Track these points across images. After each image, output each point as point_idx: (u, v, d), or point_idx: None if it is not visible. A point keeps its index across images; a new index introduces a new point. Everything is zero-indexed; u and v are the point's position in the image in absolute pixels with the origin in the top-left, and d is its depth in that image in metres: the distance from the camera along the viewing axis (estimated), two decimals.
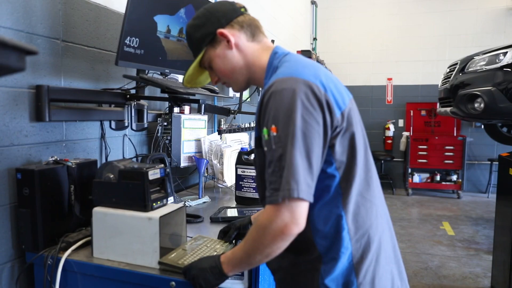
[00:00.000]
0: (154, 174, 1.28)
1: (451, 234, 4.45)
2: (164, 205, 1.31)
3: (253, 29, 1.10)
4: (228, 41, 1.06)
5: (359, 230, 0.98)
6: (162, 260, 1.19)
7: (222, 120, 3.04)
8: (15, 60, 0.67)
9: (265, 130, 0.92)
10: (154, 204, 1.26)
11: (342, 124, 0.95)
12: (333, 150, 0.95)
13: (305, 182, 0.87)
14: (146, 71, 1.67)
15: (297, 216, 0.89)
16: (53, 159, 1.41)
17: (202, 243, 1.34)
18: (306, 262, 1.02)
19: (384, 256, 1.04)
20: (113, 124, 1.81)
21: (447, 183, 6.49)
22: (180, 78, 2.27)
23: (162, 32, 1.57)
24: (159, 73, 1.67)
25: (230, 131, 2.98)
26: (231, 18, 1.08)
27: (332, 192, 0.96)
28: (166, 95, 1.93)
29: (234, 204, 2.05)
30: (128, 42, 1.41)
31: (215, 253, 1.27)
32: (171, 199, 1.70)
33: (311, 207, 0.95)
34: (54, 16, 1.51)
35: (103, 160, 1.76)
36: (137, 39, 1.45)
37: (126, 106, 1.82)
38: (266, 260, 0.97)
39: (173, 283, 1.14)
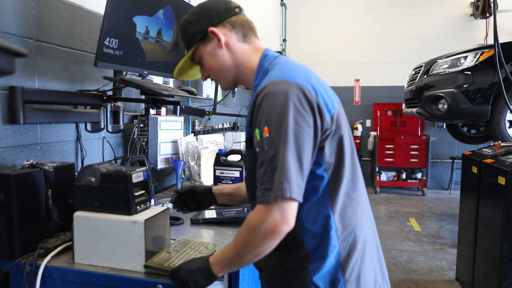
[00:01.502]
0: (137, 177, 1.26)
1: (417, 230, 4.63)
2: (147, 208, 1.30)
3: (245, 30, 1.11)
4: (219, 40, 1.08)
5: (346, 229, 1.02)
6: (148, 263, 1.18)
7: (196, 121, 3.03)
8: (5, 63, 0.66)
9: (257, 131, 0.94)
10: (138, 207, 1.24)
11: (332, 127, 0.98)
12: (323, 152, 0.98)
13: (297, 182, 0.90)
14: (125, 73, 1.64)
15: (287, 216, 0.91)
16: (29, 163, 1.36)
17: (186, 245, 1.34)
18: (294, 261, 1.05)
19: (368, 254, 1.08)
20: (88, 126, 1.77)
21: (413, 181, 6.75)
22: (155, 79, 2.25)
23: (141, 33, 1.55)
24: (137, 74, 1.65)
25: (204, 132, 2.97)
26: (224, 17, 1.09)
27: (320, 193, 0.99)
28: (143, 97, 1.90)
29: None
30: (107, 43, 1.39)
31: (200, 255, 1.28)
32: (152, 201, 1.68)
33: (300, 207, 0.97)
34: (27, 15, 1.46)
35: (79, 163, 1.72)
36: (116, 40, 1.43)
37: (102, 107, 1.79)
38: (256, 259, 0.98)
39: (160, 286, 1.13)
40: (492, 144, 5.03)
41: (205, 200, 1.44)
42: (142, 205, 1.27)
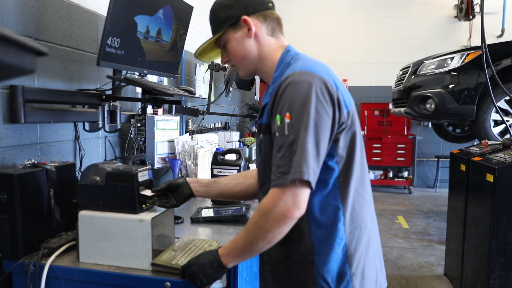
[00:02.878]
0: (143, 176, 1.27)
1: (406, 227, 4.73)
2: (152, 206, 1.31)
3: (274, 26, 1.15)
4: (249, 29, 1.11)
5: (353, 223, 1.05)
6: (155, 261, 1.19)
7: (190, 120, 3.03)
8: (28, 62, 0.66)
9: (278, 117, 0.97)
10: (143, 206, 1.25)
11: (347, 122, 1.02)
12: (337, 144, 1.02)
13: (313, 168, 0.93)
14: (124, 72, 1.64)
15: (299, 200, 0.94)
16: (31, 162, 1.35)
17: (191, 243, 1.35)
18: (297, 254, 1.06)
19: (371, 250, 1.11)
20: (87, 125, 1.76)
21: (399, 179, 6.87)
22: (150, 78, 2.25)
23: (141, 33, 1.55)
24: (137, 73, 1.65)
25: (197, 132, 2.98)
26: (258, 9, 1.12)
27: (330, 186, 1.02)
28: (141, 96, 1.90)
29: (210, 204, 2.06)
30: (109, 42, 1.39)
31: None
32: None
33: (310, 197, 1.00)
34: (27, 13, 1.45)
35: (78, 163, 1.71)
36: (118, 39, 1.43)
37: (100, 107, 1.78)
38: (267, 246, 1.00)
39: (168, 283, 1.14)
40: (475, 143, 5.16)
41: (182, 192, 1.32)
42: (148, 204, 1.28)
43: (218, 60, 1.41)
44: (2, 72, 0.73)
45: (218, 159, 2.06)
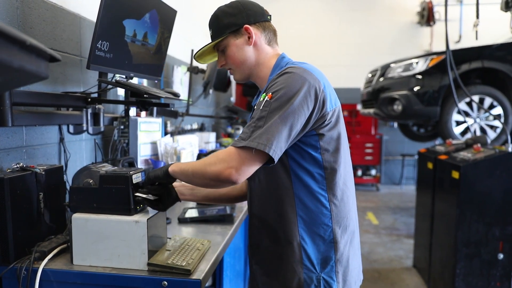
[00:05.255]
0: (136, 177, 1.29)
1: (375, 223, 4.93)
2: (145, 208, 1.33)
3: (271, 36, 1.24)
4: (250, 37, 1.19)
5: (340, 212, 1.14)
6: (151, 261, 1.21)
7: (169, 122, 3.04)
8: (44, 68, 0.68)
9: (263, 95, 1.08)
10: (137, 207, 1.27)
11: (331, 119, 1.12)
12: (321, 138, 1.11)
13: (276, 145, 1.01)
14: (111, 75, 1.65)
15: (244, 168, 1.03)
16: (19, 166, 1.34)
17: (183, 242, 1.38)
18: (286, 238, 1.14)
19: (355, 242, 1.21)
20: (71, 128, 1.75)
21: (368, 177, 7.13)
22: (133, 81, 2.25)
23: (129, 36, 1.57)
24: (124, 76, 1.66)
25: (177, 133, 2.99)
26: (259, 19, 1.21)
27: (317, 175, 1.12)
28: (123, 99, 1.91)
29: (194, 204, 2.09)
30: (99, 45, 1.40)
31: (199, 251, 1.33)
32: None
33: (300, 182, 1.10)
34: (12, 15, 1.43)
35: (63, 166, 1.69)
36: (107, 42, 1.44)
37: (85, 109, 1.77)
38: (203, 186, 1.20)
39: (165, 282, 1.17)
40: (437, 142, 5.45)
41: (169, 196, 1.32)
42: (141, 205, 1.30)
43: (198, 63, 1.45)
44: (20, 79, 0.75)
45: None
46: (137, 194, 1.25)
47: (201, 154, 2.10)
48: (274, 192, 1.17)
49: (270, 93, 1.06)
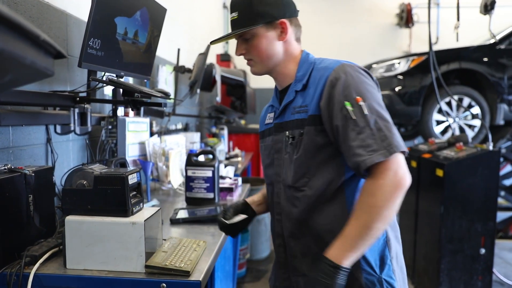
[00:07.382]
0: (132, 178, 1.27)
1: None
2: (141, 209, 1.31)
3: (299, 33, 1.21)
4: (283, 32, 1.14)
5: None
6: (149, 263, 1.19)
7: (154, 122, 2.99)
8: (51, 66, 0.66)
9: (347, 103, 1.01)
10: (133, 208, 1.25)
11: None
12: None
13: (400, 137, 1.00)
14: (100, 73, 1.61)
15: (405, 168, 0.97)
16: (7, 167, 1.29)
17: (179, 243, 1.36)
18: None
19: (399, 234, 1.20)
20: (58, 128, 1.69)
21: None
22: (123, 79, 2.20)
23: (120, 34, 1.53)
24: (114, 75, 1.62)
25: (163, 133, 2.95)
26: (292, 15, 1.17)
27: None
28: (111, 98, 1.87)
29: (184, 205, 2.07)
30: (91, 43, 1.36)
31: (195, 252, 1.31)
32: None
33: (352, 183, 1.08)
34: None
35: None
36: (99, 40, 1.40)
37: (72, 109, 1.72)
38: (384, 227, 0.96)
39: (164, 284, 1.15)
40: (416, 142, 5.57)
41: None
42: (137, 206, 1.28)
43: (184, 62, 1.43)
44: (28, 77, 0.72)
45: (192, 160, 2.08)
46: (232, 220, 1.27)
47: (191, 154, 2.08)
48: (323, 194, 1.09)
49: (358, 97, 1.01)
